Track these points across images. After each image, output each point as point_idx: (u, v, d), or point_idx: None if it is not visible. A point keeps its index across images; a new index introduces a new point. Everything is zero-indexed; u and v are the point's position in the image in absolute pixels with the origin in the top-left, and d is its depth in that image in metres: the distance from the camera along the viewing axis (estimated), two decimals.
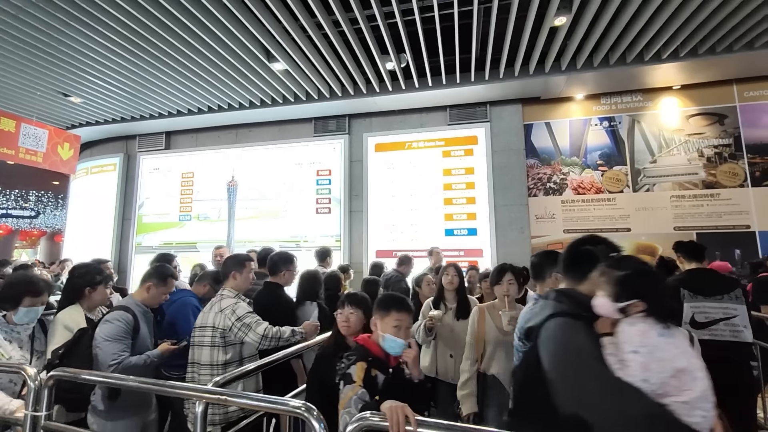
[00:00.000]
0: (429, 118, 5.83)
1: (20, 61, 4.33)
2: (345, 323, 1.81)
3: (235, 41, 4.06)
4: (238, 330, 2.11)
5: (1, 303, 1.98)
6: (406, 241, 5.57)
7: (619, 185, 5.14)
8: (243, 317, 2.13)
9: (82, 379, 1.90)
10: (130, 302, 2.15)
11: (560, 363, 1.06)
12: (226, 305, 2.17)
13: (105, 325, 1.98)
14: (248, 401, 1.33)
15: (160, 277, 2.19)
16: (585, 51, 4.34)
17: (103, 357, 1.92)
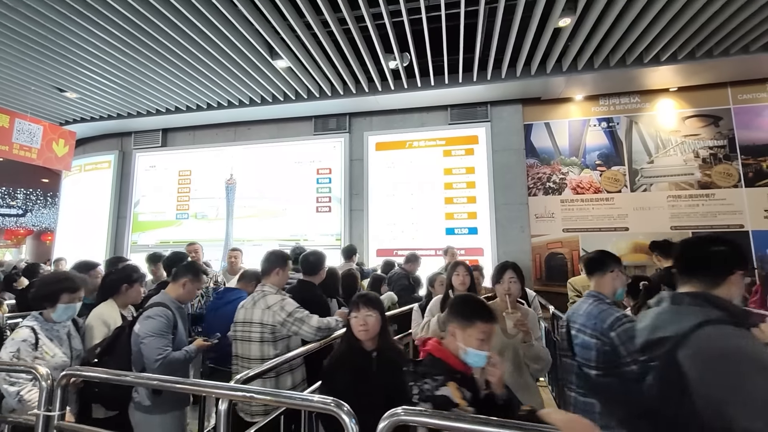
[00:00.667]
0: (430, 117, 5.85)
1: (15, 54, 4.23)
2: (363, 327, 1.68)
3: (237, 37, 4.02)
4: (292, 324, 2.15)
5: (40, 301, 1.98)
6: (406, 240, 5.58)
7: (617, 185, 5.22)
8: (293, 312, 2.16)
9: (96, 378, 1.87)
10: (166, 299, 2.15)
11: (730, 376, 0.90)
12: (273, 302, 2.18)
13: (148, 321, 1.98)
14: (274, 398, 1.32)
15: (195, 272, 2.22)
16: (586, 53, 4.40)
17: (148, 352, 1.92)
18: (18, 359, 1.81)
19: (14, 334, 1.89)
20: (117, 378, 1.82)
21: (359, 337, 1.70)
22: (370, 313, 1.71)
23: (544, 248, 5.31)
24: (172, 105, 5.84)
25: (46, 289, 1.99)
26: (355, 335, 1.70)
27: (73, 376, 1.74)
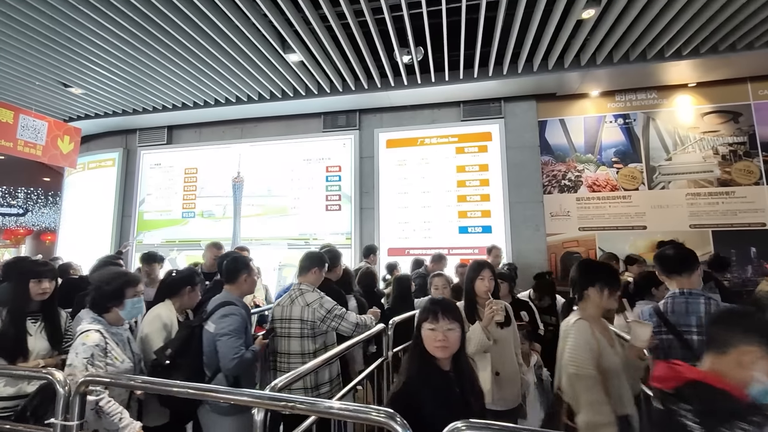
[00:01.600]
0: (441, 113, 5.74)
1: (20, 47, 4.09)
2: (442, 343, 1.35)
3: (250, 30, 3.91)
4: (331, 321, 2.26)
5: (106, 301, 1.87)
6: (418, 239, 5.47)
7: (635, 183, 5.12)
8: (332, 310, 2.28)
9: (115, 384, 1.76)
10: (233, 297, 2.16)
11: None
12: (312, 299, 2.28)
13: (224, 320, 1.99)
14: (316, 408, 1.21)
15: (246, 266, 2.25)
16: (606, 46, 4.29)
17: (225, 351, 1.93)
18: (92, 366, 1.69)
19: (83, 338, 1.73)
20: (138, 384, 1.72)
21: (435, 354, 1.36)
22: (452, 326, 1.37)
23: (560, 247, 5.21)
24: (178, 101, 5.72)
25: (111, 287, 1.87)
26: (429, 352, 1.37)
27: (91, 382, 1.62)
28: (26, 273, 1.99)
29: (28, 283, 1.98)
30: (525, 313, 2.88)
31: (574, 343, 1.58)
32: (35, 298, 2.00)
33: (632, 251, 4.95)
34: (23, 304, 1.99)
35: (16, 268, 2.05)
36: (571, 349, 1.57)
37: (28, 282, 1.98)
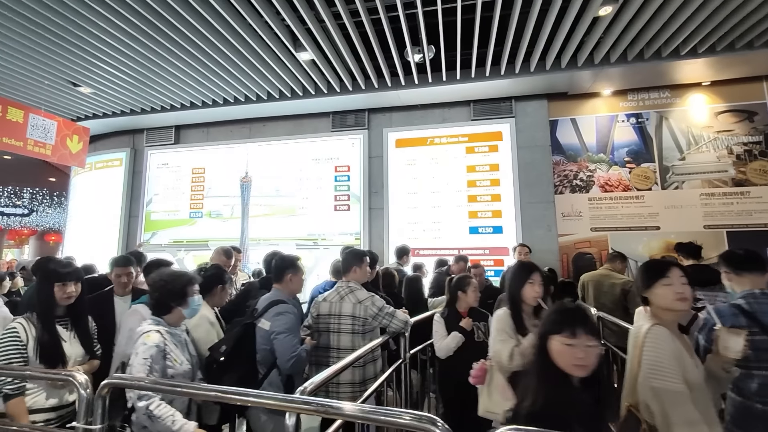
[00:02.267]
0: (451, 113, 5.69)
1: (31, 46, 4.07)
2: (581, 361, 1.17)
3: (262, 27, 3.87)
4: (383, 318, 2.36)
5: (172, 300, 1.81)
6: (428, 240, 5.42)
7: (648, 183, 5.06)
8: (383, 308, 2.38)
9: (136, 386, 1.72)
10: (282, 296, 2.19)
11: None
12: (363, 297, 2.37)
13: (280, 318, 2.03)
14: (353, 413, 1.16)
15: (292, 265, 2.29)
16: (620, 45, 4.24)
17: (283, 349, 1.98)
18: (151, 368, 1.64)
19: (144, 338, 1.69)
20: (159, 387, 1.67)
21: (571, 372, 1.19)
22: (592, 342, 1.20)
23: (572, 248, 5.15)
24: (187, 100, 5.70)
25: (176, 286, 1.81)
26: (563, 369, 1.19)
27: (113, 385, 1.58)
28: (50, 276, 1.89)
29: (53, 287, 1.89)
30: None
31: (655, 353, 1.39)
32: (61, 302, 1.92)
33: (645, 252, 4.91)
34: (50, 309, 1.90)
35: (40, 271, 1.98)
36: (652, 360, 1.39)
37: (52, 286, 1.89)
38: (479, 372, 2.00)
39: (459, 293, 2.69)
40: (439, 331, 2.64)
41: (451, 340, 2.54)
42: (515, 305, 1.94)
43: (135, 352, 1.67)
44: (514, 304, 1.94)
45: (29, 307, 1.94)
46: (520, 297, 1.94)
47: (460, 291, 2.69)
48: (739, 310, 1.76)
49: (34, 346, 1.79)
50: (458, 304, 2.71)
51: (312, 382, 1.46)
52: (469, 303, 2.69)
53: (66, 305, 1.94)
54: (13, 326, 1.81)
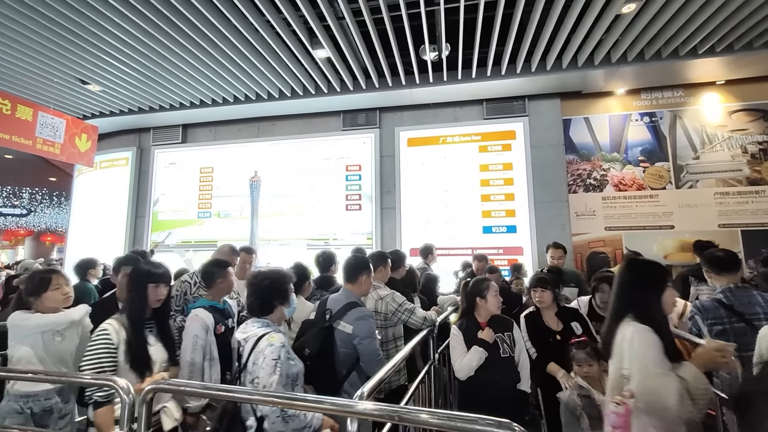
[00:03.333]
0: (463, 112, 5.66)
1: (41, 42, 3.97)
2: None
3: (280, 25, 3.82)
4: (402, 314, 2.47)
5: (276, 299, 1.79)
6: (441, 239, 5.37)
7: (662, 182, 5.05)
8: (403, 304, 2.49)
9: (181, 392, 1.67)
10: (355, 297, 2.23)
11: None
12: (385, 294, 2.51)
13: (363, 322, 2.08)
14: (429, 419, 1.12)
15: (369, 268, 2.33)
16: (639, 43, 4.22)
17: (369, 353, 2.04)
18: (279, 368, 1.57)
19: (269, 338, 1.63)
20: (205, 392, 1.62)
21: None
22: None
23: (586, 247, 5.13)
24: (196, 98, 5.62)
25: (281, 285, 1.81)
26: None
27: (157, 390, 1.53)
28: (143, 277, 1.83)
29: (147, 289, 1.82)
30: (577, 323, 2.48)
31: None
32: (152, 305, 1.85)
33: (660, 251, 4.90)
34: (142, 312, 1.82)
35: (133, 272, 1.88)
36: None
37: (146, 287, 1.82)
38: (625, 415, 1.35)
39: (477, 300, 2.41)
40: (458, 347, 2.32)
41: (472, 357, 2.25)
42: (660, 321, 1.45)
43: (263, 356, 1.56)
44: (656, 321, 1.43)
45: (103, 309, 1.93)
46: (661, 308, 1.48)
47: (479, 297, 2.40)
48: (719, 303, 2.12)
49: (124, 349, 1.72)
50: (477, 313, 2.43)
51: (368, 386, 1.41)
52: (489, 311, 2.40)
53: (154, 308, 1.88)
54: (104, 328, 1.73)
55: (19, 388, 1.88)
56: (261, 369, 1.53)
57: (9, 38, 3.90)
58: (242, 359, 1.62)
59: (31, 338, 1.94)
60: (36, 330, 1.94)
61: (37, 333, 1.94)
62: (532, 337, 2.53)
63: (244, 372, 1.60)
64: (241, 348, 1.65)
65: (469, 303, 2.46)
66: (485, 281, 2.48)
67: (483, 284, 2.43)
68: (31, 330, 1.94)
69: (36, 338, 1.93)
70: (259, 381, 1.52)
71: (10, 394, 1.89)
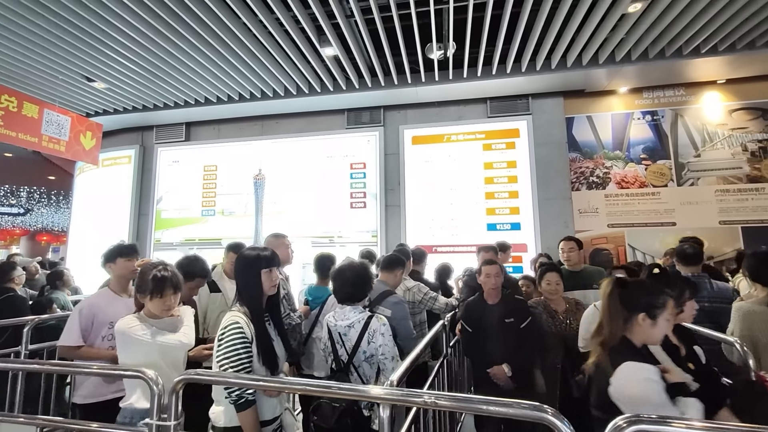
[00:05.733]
0: (467, 110, 5.70)
1: (47, 38, 3.95)
2: None
3: (288, 22, 3.83)
4: (428, 302, 2.90)
5: (367, 288, 2.10)
6: (446, 237, 5.43)
7: (663, 179, 5.12)
8: (427, 293, 2.92)
9: (207, 381, 1.68)
10: (389, 287, 2.53)
11: None
12: (412, 285, 2.91)
13: (399, 306, 2.39)
14: (467, 404, 1.15)
15: (405, 265, 2.70)
16: (644, 42, 4.28)
17: (406, 332, 2.31)
18: (391, 340, 1.85)
19: (378, 319, 1.97)
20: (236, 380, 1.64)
21: None
22: None
23: (589, 244, 5.18)
24: (200, 95, 5.61)
25: (368, 277, 2.09)
26: None
27: (187, 380, 1.55)
28: (255, 263, 1.65)
29: (261, 276, 1.65)
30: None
31: None
32: (268, 292, 1.68)
33: (662, 248, 4.96)
34: (261, 303, 1.66)
35: (242, 258, 1.70)
36: None
37: (260, 274, 1.65)
38: None
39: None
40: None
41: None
42: None
43: (378, 334, 1.90)
44: None
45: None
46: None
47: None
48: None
49: (256, 346, 1.60)
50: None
51: (398, 371, 1.44)
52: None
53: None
54: (236, 321, 1.57)
55: (133, 404, 1.71)
56: (384, 345, 1.89)
57: (16, 35, 3.89)
58: (350, 341, 1.92)
59: (146, 347, 1.75)
60: (153, 341, 1.76)
61: (153, 344, 1.76)
62: None
63: (357, 352, 1.89)
64: (343, 331, 1.94)
65: None
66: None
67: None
68: (148, 341, 1.75)
69: (151, 347, 1.75)
70: (386, 351, 1.88)
71: (126, 410, 1.73)
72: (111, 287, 2.28)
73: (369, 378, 1.87)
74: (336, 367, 1.95)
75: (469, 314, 2.63)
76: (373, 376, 1.88)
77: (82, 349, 2.05)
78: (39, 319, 2.95)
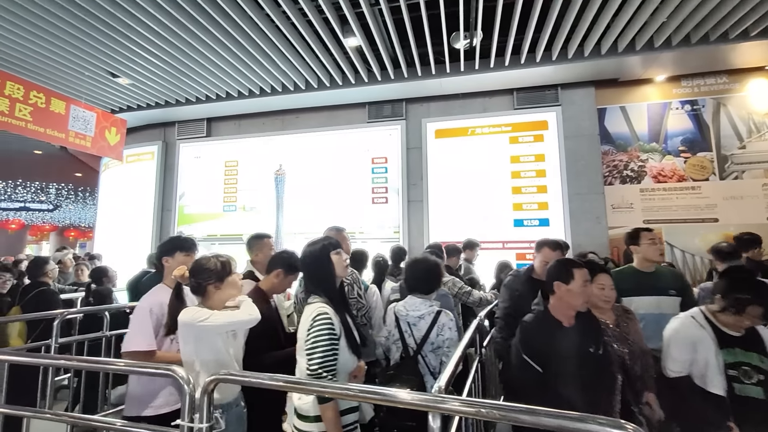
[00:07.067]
0: (492, 102, 5.51)
1: (74, 33, 3.97)
2: None
3: (312, 12, 3.74)
4: (462, 295, 2.99)
5: (439, 282, 2.27)
6: (470, 233, 5.24)
7: (704, 173, 4.83)
8: (462, 287, 3.01)
9: (239, 382, 1.60)
10: None
11: None
12: (446, 279, 2.90)
13: (445, 297, 2.56)
14: (530, 418, 1.02)
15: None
16: (685, 27, 4.01)
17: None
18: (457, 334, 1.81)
19: (446, 314, 2.06)
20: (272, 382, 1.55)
21: None
22: None
23: (623, 241, 4.93)
24: (222, 90, 5.59)
25: (439, 271, 2.20)
26: None
27: (220, 380, 1.47)
28: (325, 248, 1.63)
29: (330, 259, 1.62)
30: None
31: None
32: (341, 275, 1.65)
33: (703, 245, 4.68)
34: (336, 288, 1.62)
35: (313, 246, 1.67)
36: None
37: (329, 257, 1.62)
38: None
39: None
40: None
41: None
42: None
43: (446, 328, 1.99)
44: None
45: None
46: None
47: None
48: None
49: (345, 335, 1.56)
50: None
51: (444, 377, 1.33)
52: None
53: None
54: (323, 311, 1.53)
55: (216, 397, 1.58)
56: (450, 339, 1.98)
57: (44, 31, 3.92)
58: (419, 331, 2.00)
59: (209, 340, 1.67)
60: (216, 331, 1.66)
61: (215, 335, 1.66)
62: None
63: (425, 342, 1.96)
64: (413, 321, 2.02)
65: None
66: None
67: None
68: (210, 332, 1.66)
69: (215, 340, 1.67)
70: (451, 344, 1.95)
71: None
72: (166, 283, 2.06)
73: (434, 368, 1.96)
74: (404, 354, 2.03)
75: (532, 342, 1.76)
76: (437, 366, 1.96)
77: (157, 355, 1.81)
78: (67, 312, 2.97)
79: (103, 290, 3.54)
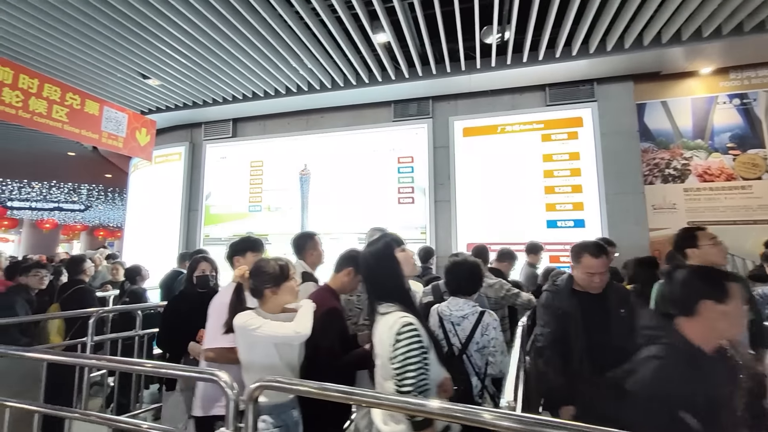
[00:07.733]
0: (523, 99, 5.32)
1: (106, 34, 4.02)
2: None
3: (342, 7, 3.67)
4: (510, 297, 2.94)
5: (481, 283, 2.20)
6: (500, 234, 5.08)
7: (756, 171, 4.51)
8: (510, 289, 2.96)
9: (291, 391, 1.51)
10: None
11: None
12: (494, 282, 2.96)
13: (480, 298, 2.43)
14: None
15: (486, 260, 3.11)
16: (738, 15, 3.75)
17: None
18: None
19: (489, 314, 2.04)
20: (331, 393, 1.45)
21: None
22: None
23: (665, 244, 4.67)
24: (248, 90, 5.61)
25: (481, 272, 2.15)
26: None
27: (266, 387, 1.39)
28: (388, 245, 1.56)
29: (395, 258, 1.54)
30: None
31: None
32: (411, 273, 1.60)
33: (755, 249, 4.37)
34: (406, 289, 1.53)
35: (379, 245, 1.60)
36: None
37: (394, 256, 1.54)
38: None
39: None
40: None
41: None
42: None
43: (491, 328, 1.96)
44: None
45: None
46: None
47: None
48: None
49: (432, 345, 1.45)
50: None
51: (509, 391, 1.21)
52: None
53: None
54: (409, 322, 1.39)
55: (265, 400, 1.58)
56: (496, 339, 1.96)
57: (79, 32, 4.00)
58: (463, 331, 1.97)
59: (263, 345, 1.64)
60: (267, 341, 1.63)
61: (269, 341, 1.64)
62: None
63: (470, 342, 1.94)
64: (456, 321, 2.00)
65: None
66: None
67: None
68: (262, 340, 1.64)
69: (268, 345, 1.65)
70: (497, 344, 1.95)
71: (261, 406, 1.58)
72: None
73: (479, 368, 1.95)
74: (449, 354, 2.00)
75: (683, 388, 1.15)
76: (483, 367, 1.95)
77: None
78: (103, 310, 2.98)
79: (137, 290, 3.57)
